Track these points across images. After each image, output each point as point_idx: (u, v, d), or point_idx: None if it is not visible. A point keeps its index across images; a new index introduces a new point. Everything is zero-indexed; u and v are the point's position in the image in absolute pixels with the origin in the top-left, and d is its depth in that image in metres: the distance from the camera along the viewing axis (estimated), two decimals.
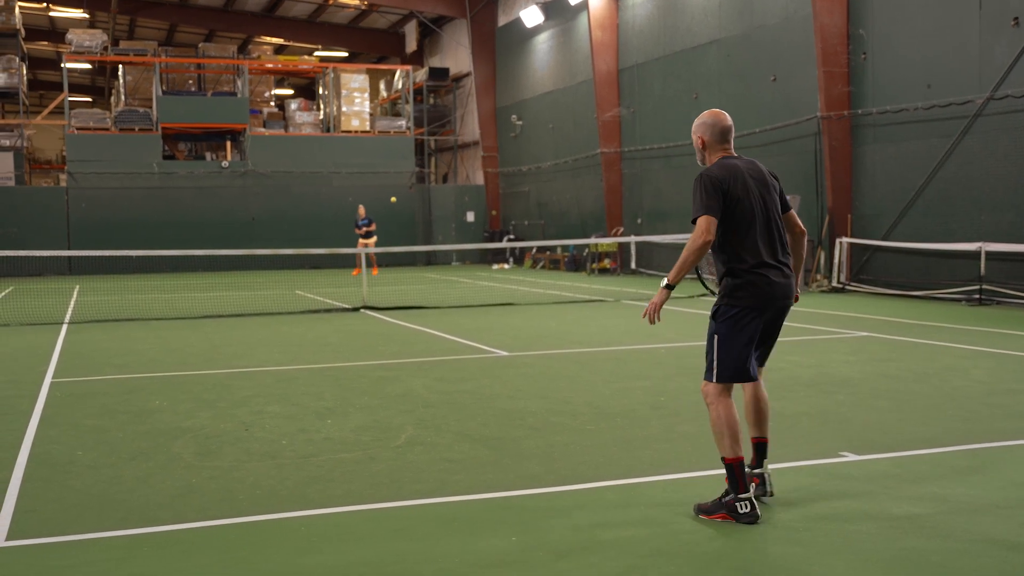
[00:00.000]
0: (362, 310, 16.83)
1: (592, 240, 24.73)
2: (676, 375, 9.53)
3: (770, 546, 4.55)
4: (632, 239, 23.58)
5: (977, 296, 16.31)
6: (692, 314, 15.00)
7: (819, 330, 12.97)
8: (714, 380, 4.98)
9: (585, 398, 8.35)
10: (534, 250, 31.91)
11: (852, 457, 6.15)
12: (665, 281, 4.96)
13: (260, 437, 7.00)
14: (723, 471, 5.01)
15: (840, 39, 19.21)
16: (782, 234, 5.11)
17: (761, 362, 5.21)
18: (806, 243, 5.37)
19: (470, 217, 36.41)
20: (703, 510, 4.95)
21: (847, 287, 19.07)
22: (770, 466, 5.30)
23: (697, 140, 5.14)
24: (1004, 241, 16.15)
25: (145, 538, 4.83)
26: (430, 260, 35.59)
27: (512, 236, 34.05)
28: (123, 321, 15.82)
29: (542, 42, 31.88)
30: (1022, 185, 16.08)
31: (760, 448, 5.25)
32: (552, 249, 31.01)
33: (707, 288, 5.57)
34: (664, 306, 5.05)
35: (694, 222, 4.90)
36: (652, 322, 5.02)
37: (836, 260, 19.32)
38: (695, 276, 5.24)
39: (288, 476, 5.94)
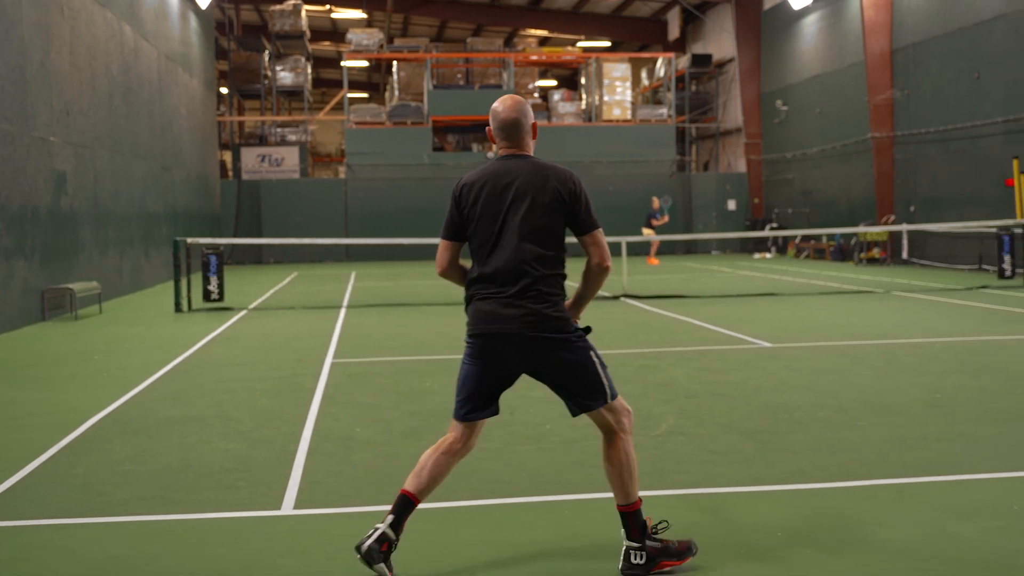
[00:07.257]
0: (622, 298, 16.89)
1: (861, 228, 23.70)
2: (953, 371, 9.00)
3: None
4: (904, 227, 22.43)
5: None
6: (970, 307, 14.09)
7: None
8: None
9: (855, 393, 8.04)
10: (798, 239, 30.99)
11: None
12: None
13: (525, 421, 7.17)
14: None
15: None
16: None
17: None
18: (599, 277, 4.46)
19: (731, 206, 35.80)
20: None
21: None
22: None
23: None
24: None
25: (420, 514, 5.05)
26: (689, 249, 35.27)
27: (775, 225, 33.20)
28: (395, 306, 16.61)
29: (810, 24, 30.83)
30: None
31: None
32: (817, 238, 30.00)
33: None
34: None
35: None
36: None
37: None
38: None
39: (553, 460, 6.07)
